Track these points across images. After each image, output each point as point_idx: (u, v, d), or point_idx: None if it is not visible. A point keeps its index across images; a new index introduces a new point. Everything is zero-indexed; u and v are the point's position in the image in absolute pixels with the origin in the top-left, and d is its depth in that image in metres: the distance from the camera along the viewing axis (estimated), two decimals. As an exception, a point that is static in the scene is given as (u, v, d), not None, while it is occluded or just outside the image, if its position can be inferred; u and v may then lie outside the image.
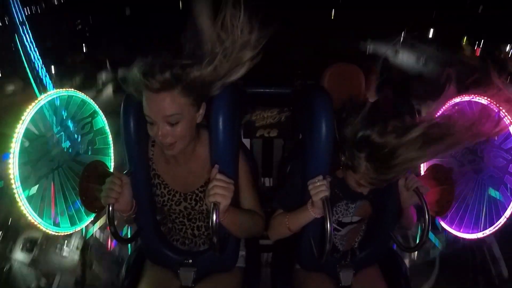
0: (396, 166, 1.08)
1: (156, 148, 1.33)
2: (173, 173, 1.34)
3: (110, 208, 1.16)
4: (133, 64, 1.05)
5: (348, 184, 1.27)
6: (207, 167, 1.27)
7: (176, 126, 1.10)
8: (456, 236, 1.56)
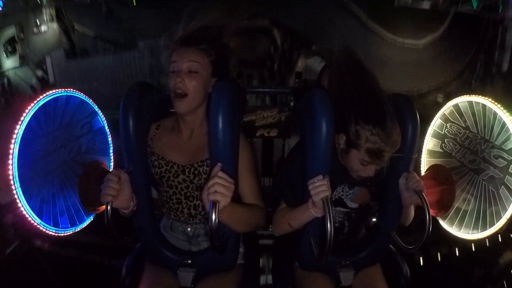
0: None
1: (160, 131, 1.40)
2: (174, 147, 1.37)
3: (109, 207, 1.16)
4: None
5: (351, 171, 1.29)
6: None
7: (193, 77, 1.28)
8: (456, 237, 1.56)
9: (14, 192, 1.21)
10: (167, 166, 1.36)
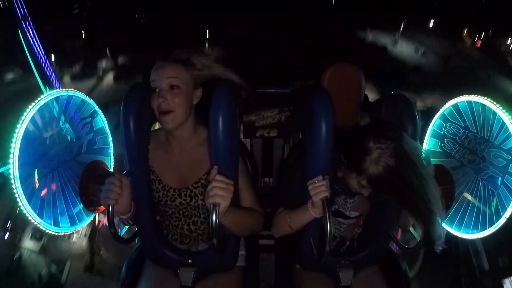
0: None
1: (152, 144, 1.36)
2: (168, 168, 1.36)
3: (110, 209, 1.16)
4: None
5: (349, 185, 1.28)
6: (203, 164, 1.29)
7: (175, 93, 1.23)
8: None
9: (15, 191, 1.22)
10: (163, 190, 1.36)
